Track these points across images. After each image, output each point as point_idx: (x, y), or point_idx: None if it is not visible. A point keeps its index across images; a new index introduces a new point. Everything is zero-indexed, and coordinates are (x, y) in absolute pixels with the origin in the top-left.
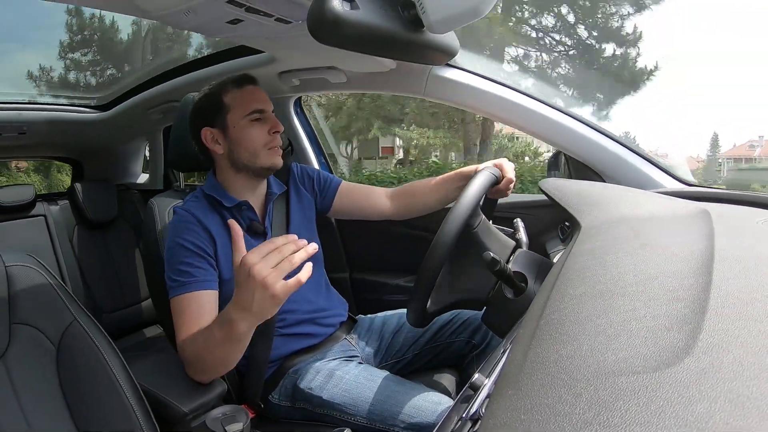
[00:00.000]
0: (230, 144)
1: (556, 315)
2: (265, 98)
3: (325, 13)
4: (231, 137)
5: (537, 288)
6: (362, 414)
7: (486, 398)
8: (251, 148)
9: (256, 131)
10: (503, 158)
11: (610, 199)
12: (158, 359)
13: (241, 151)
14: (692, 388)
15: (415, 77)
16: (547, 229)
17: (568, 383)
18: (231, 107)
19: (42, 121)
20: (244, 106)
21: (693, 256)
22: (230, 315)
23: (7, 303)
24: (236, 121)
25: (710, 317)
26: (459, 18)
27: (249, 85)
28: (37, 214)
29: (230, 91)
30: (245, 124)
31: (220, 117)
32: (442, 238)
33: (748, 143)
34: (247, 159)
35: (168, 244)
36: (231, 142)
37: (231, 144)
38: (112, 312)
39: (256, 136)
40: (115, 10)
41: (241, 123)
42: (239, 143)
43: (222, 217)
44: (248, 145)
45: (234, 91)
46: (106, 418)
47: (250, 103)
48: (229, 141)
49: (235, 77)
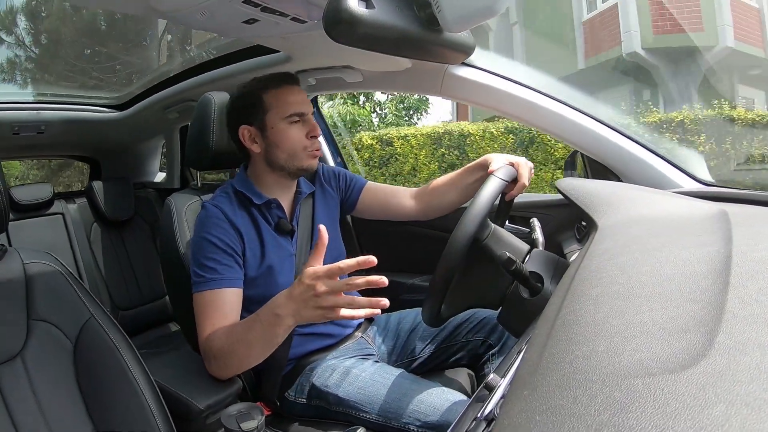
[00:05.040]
0: (268, 145)
1: (572, 315)
2: (305, 100)
3: (341, 12)
4: (269, 138)
5: (553, 288)
6: (377, 412)
7: (501, 398)
8: (290, 150)
9: (295, 134)
10: (521, 158)
11: (627, 199)
12: (174, 356)
13: (278, 153)
14: (708, 390)
15: (431, 76)
16: (564, 228)
17: (583, 384)
18: (270, 107)
19: (60, 120)
20: (283, 108)
21: (710, 257)
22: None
23: (25, 300)
24: (275, 122)
25: (727, 319)
26: (475, 16)
27: (290, 85)
28: (55, 212)
29: (270, 90)
30: (284, 127)
31: (259, 116)
32: (452, 248)
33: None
34: (285, 161)
35: (194, 238)
36: (269, 143)
37: (269, 145)
38: (128, 309)
39: (295, 139)
40: (130, 10)
41: (280, 125)
42: (277, 145)
43: (250, 214)
44: (286, 147)
45: (274, 90)
46: (122, 414)
47: (290, 105)
48: (266, 141)
49: (276, 75)
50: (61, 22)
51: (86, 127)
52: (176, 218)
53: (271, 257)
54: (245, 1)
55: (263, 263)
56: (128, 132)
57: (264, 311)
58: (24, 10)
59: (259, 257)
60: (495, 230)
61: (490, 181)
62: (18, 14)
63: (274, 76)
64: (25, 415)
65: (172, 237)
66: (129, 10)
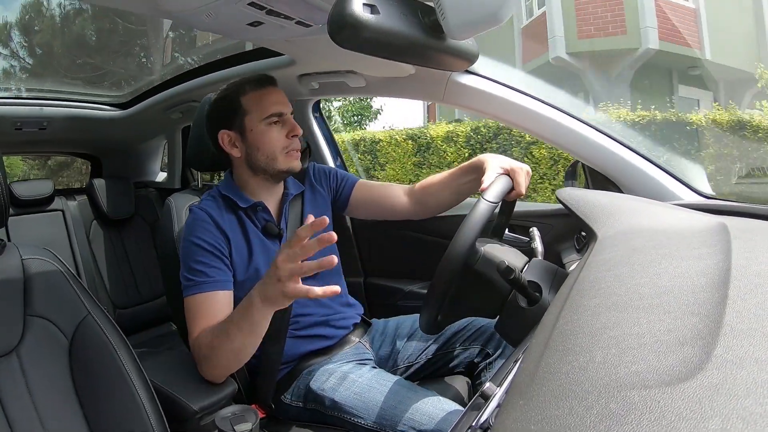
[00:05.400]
0: (248, 147)
1: (570, 326)
2: (283, 100)
3: (346, 16)
4: (249, 141)
5: (551, 298)
6: (372, 418)
7: (496, 407)
8: (269, 152)
9: (275, 135)
10: (516, 163)
11: (626, 210)
12: (170, 356)
13: (258, 155)
14: (705, 404)
15: (435, 83)
16: (564, 238)
17: (579, 395)
18: (248, 110)
19: (62, 117)
20: (262, 109)
21: (709, 270)
22: (251, 297)
23: (22, 295)
24: (254, 124)
25: (725, 333)
26: (479, 24)
27: (267, 86)
28: (55, 209)
29: (248, 92)
30: (263, 128)
31: (238, 120)
32: (441, 274)
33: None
34: (265, 163)
35: (183, 242)
36: (248, 145)
37: (248, 147)
38: (125, 308)
39: (274, 139)
40: (136, 10)
41: (260, 127)
42: (257, 147)
43: (237, 217)
44: (266, 149)
45: (251, 92)
46: (117, 413)
47: (268, 106)
48: (246, 144)
49: (253, 77)
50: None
51: (88, 124)
52: (175, 218)
53: (258, 260)
54: (251, 4)
55: (250, 266)
56: (130, 131)
57: (243, 299)
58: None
59: (246, 260)
60: (485, 254)
61: (479, 205)
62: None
63: (250, 79)
64: (20, 411)
65: (171, 237)
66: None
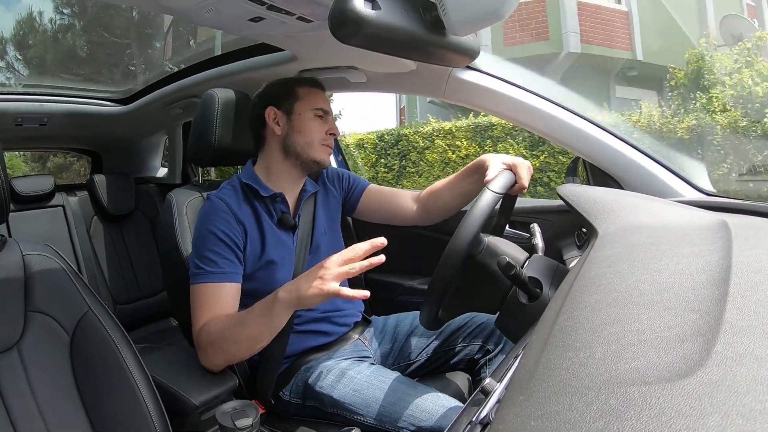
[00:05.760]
0: (289, 129)
1: (570, 322)
2: (329, 104)
3: (347, 12)
4: (293, 122)
5: (552, 294)
6: (372, 415)
7: (496, 403)
8: (309, 137)
9: (317, 125)
10: (518, 158)
11: (627, 207)
12: (170, 352)
13: (298, 139)
14: (704, 400)
15: (436, 79)
16: (564, 235)
17: (579, 391)
18: (301, 97)
19: (63, 113)
20: (313, 101)
21: (710, 267)
22: (276, 293)
23: (23, 291)
24: (303, 110)
25: (725, 329)
26: (480, 20)
27: (320, 89)
28: (55, 205)
29: (303, 85)
30: (309, 116)
31: (289, 102)
32: (445, 264)
33: None
34: (301, 148)
35: (198, 229)
36: (291, 127)
37: (290, 129)
38: (126, 303)
39: (316, 129)
40: (137, 5)
41: (307, 114)
42: (299, 130)
43: (254, 208)
44: (306, 134)
45: (307, 87)
46: (118, 408)
47: (318, 100)
48: (289, 125)
49: (310, 79)
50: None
51: (89, 120)
52: (176, 214)
53: (271, 252)
54: None
55: (263, 257)
56: (131, 127)
57: (265, 298)
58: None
59: (259, 251)
60: (488, 245)
61: (483, 195)
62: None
63: (307, 78)
64: (21, 407)
65: (172, 232)
66: (137, 5)
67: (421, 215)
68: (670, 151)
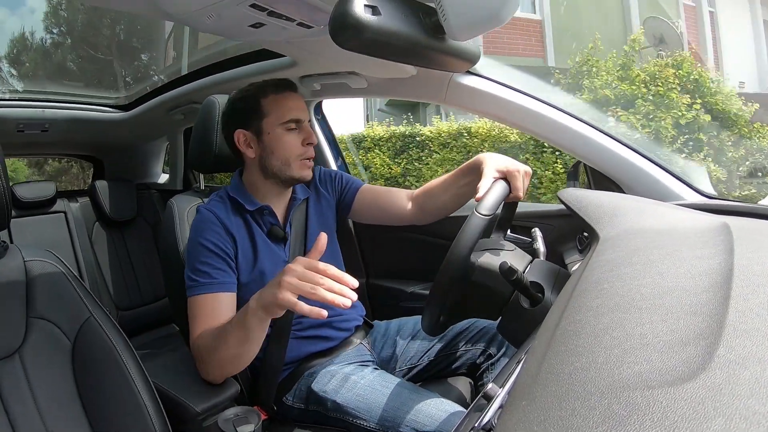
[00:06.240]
0: (263, 150)
1: (572, 326)
2: (303, 107)
3: (347, 18)
4: (264, 143)
5: (553, 298)
6: (375, 420)
7: (499, 408)
8: (283, 157)
9: (291, 141)
10: (515, 165)
11: (629, 211)
12: (172, 358)
13: (273, 159)
14: (707, 404)
15: (436, 84)
16: (566, 239)
17: (582, 396)
18: (267, 113)
19: (64, 119)
20: (281, 113)
21: (712, 270)
22: (248, 303)
23: (24, 297)
24: (272, 127)
25: (728, 332)
26: (481, 25)
27: (288, 91)
28: (57, 211)
29: (268, 95)
30: (280, 132)
31: (256, 121)
32: (438, 287)
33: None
34: (278, 168)
35: (189, 242)
36: (264, 148)
37: (263, 150)
38: (128, 309)
39: (290, 145)
40: (138, 11)
41: (277, 130)
42: (272, 151)
43: (244, 220)
44: (281, 154)
45: (272, 95)
46: (119, 414)
47: (287, 111)
48: (262, 147)
49: (276, 81)
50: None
51: (90, 126)
52: (178, 220)
53: (263, 263)
54: (252, 5)
55: (255, 268)
56: (132, 133)
57: (240, 309)
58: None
59: (251, 262)
60: (480, 266)
61: (471, 220)
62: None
63: (273, 82)
64: (22, 413)
65: (174, 239)
66: (137, 11)
67: (416, 214)
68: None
